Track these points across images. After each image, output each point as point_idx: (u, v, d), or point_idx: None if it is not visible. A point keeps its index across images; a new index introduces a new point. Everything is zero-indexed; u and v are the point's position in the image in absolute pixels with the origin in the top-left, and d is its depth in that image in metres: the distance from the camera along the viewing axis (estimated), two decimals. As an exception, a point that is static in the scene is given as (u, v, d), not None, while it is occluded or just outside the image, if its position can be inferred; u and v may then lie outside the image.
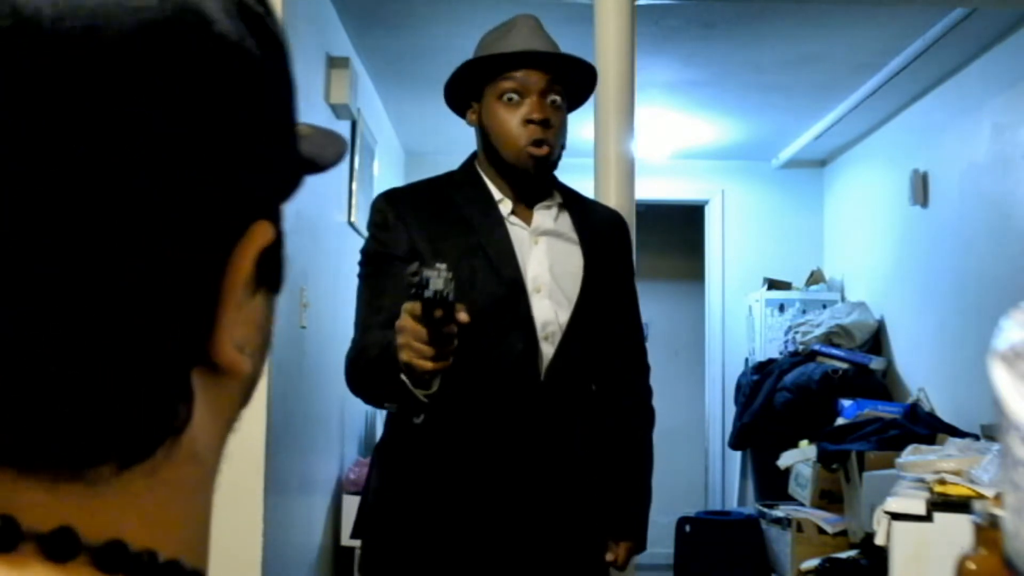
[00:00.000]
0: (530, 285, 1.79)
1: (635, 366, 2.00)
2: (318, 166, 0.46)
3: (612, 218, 2.02)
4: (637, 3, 2.92)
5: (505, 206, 1.84)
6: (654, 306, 6.64)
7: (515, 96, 1.79)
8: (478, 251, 1.77)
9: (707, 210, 5.98)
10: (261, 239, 0.40)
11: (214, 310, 0.38)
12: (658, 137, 5.25)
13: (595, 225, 1.92)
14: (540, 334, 1.77)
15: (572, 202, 1.92)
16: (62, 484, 0.35)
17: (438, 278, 1.39)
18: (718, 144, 5.54)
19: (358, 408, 4.31)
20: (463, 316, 1.45)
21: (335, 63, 3.44)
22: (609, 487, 1.92)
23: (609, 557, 1.91)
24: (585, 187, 2.37)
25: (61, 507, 0.35)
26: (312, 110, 3.20)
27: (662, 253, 6.68)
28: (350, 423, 4.16)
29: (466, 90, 1.87)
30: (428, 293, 1.38)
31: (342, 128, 3.73)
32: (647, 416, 2.01)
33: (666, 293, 6.80)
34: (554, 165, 1.84)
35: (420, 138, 5.27)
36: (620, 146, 2.82)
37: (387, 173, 4.71)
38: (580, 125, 4.77)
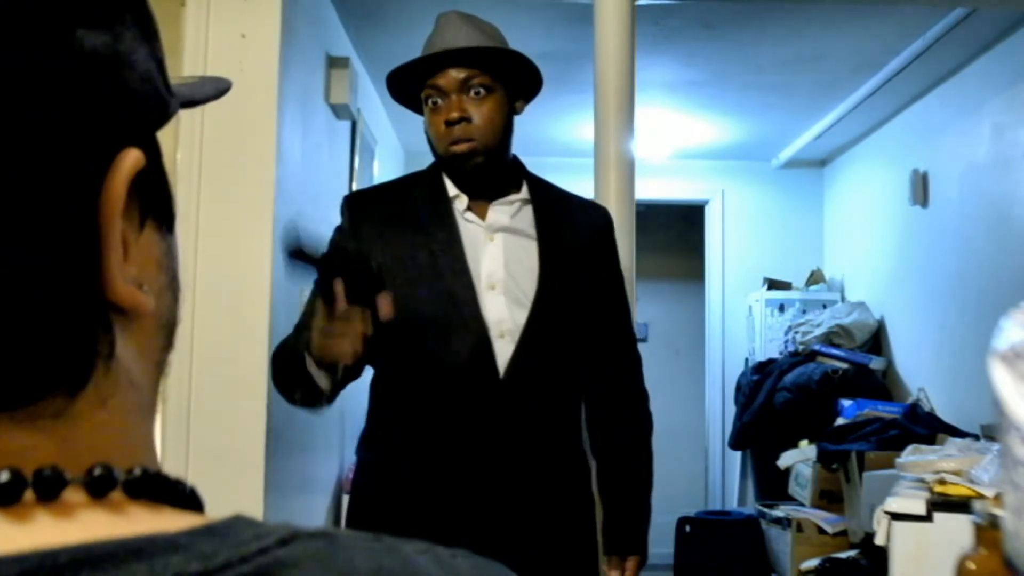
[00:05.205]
0: (484, 282, 1.77)
1: (628, 371, 1.95)
2: (194, 101, 0.49)
3: (592, 215, 1.95)
4: (637, 3, 2.92)
5: (461, 202, 1.83)
6: (654, 306, 6.65)
7: (438, 100, 1.80)
8: (424, 248, 1.78)
9: (707, 210, 5.98)
10: (129, 166, 0.40)
11: (96, 245, 0.39)
12: (658, 137, 5.25)
13: (563, 221, 1.87)
14: (493, 332, 1.75)
15: (542, 197, 1.88)
16: (37, 422, 0.37)
17: (355, 257, 1.43)
18: (718, 144, 5.54)
19: (358, 408, 4.30)
20: (386, 308, 1.44)
21: (335, 63, 3.44)
22: (611, 502, 1.90)
23: (615, 575, 1.90)
24: (585, 187, 2.37)
25: (39, 450, 0.37)
26: (312, 110, 3.20)
27: (662, 253, 6.69)
28: (350, 423, 4.15)
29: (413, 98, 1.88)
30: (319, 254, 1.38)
31: (342, 128, 3.73)
32: (646, 425, 1.97)
33: (666, 293, 6.81)
34: (488, 155, 1.80)
35: (420, 138, 5.22)
36: (620, 146, 2.81)
37: (387, 173, 4.71)
38: (580, 125, 4.79)
